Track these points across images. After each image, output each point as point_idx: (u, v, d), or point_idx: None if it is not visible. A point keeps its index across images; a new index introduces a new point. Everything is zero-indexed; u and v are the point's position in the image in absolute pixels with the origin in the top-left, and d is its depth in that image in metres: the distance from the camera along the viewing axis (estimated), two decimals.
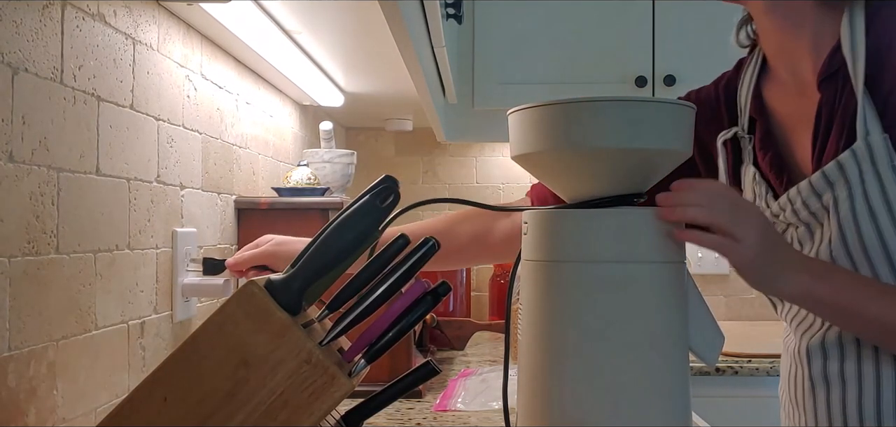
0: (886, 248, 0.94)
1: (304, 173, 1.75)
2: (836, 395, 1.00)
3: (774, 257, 0.90)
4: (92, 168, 1.06)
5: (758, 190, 1.08)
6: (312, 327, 0.87)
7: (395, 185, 0.88)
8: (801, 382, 1.06)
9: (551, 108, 0.87)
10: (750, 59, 1.14)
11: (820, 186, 0.98)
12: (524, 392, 0.91)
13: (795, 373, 1.08)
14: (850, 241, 0.96)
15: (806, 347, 1.05)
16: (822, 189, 0.98)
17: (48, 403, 0.96)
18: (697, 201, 0.87)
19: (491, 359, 2.02)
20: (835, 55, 0.99)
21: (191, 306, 1.37)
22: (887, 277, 0.94)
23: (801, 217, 1.02)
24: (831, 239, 0.98)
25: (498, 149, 2.72)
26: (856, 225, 0.95)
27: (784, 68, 1.07)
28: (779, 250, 0.91)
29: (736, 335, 2.25)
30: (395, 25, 1.10)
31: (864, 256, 0.95)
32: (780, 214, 1.04)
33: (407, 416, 1.42)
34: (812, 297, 0.92)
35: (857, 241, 0.95)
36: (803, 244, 1.03)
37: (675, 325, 0.88)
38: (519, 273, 0.95)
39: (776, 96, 1.09)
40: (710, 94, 1.19)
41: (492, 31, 2.31)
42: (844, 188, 0.96)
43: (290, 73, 1.73)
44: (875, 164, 0.94)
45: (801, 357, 1.06)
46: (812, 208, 1.00)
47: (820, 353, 1.03)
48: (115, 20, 1.12)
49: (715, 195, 0.89)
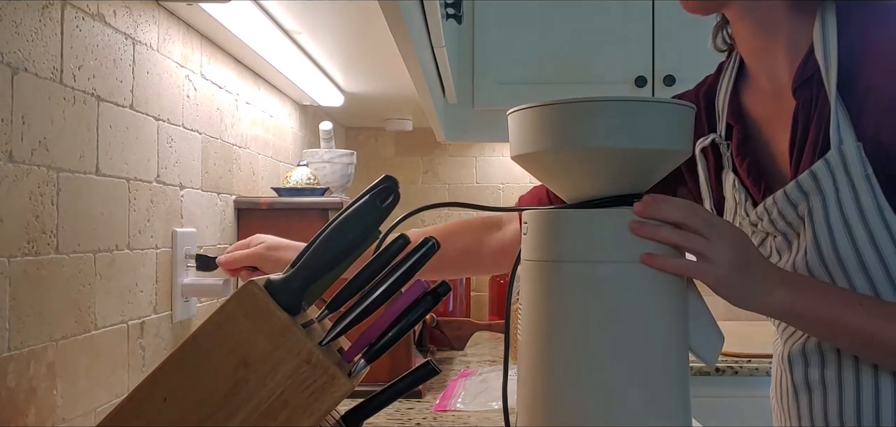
0: (861, 257, 0.92)
1: (303, 173, 1.75)
2: (817, 401, 1.00)
3: (750, 273, 0.88)
4: (92, 168, 1.06)
5: (738, 197, 1.06)
6: (312, 327, 0.87)
7: (394, 185, 0.88)
8: (786, 387, 1.05)
9: (551, 108, 0.87)
10: (728, 63, 1.12)
11: (795, 197, 0.96)
12: (524, 392, 0.91)
13: (781, 377, 1.07)
14: (825, 252, 0.94)
15: (788, 353, 1.04)
16: (798, 199, 0.96)
17: (48, 403, 0.96)
18: (669, 218, 0.85)
19: (491, 359, 2.02)
20: (809, 60, 0.97)
21: (190, 306, 1.37)
22: (863, 288, 0.93)
23: (777, 227, 1.00)
24: (807, 249, 0.96)
25: (498, 149, 2.72)
26: (830, 235, 0.94)
27: (761, 72, 1.05)
28: (754, 266, 0.89)
29: (736, 335, 2.25)
30: (395, 25, 1.10)
31: (839, 267, 0.94)
32: (759, 224, 1.03)
33: (407, 416, 1.42)
34: (791, 312, 0.90)
35: (832, 252, 0.94)
36: (781, 254, 1.01)
37: (675, 326, 0.88)
38: (518, 273, 0.95)
39: (754, 101, 1.07)
40: (691, 100, 1.15)
41: (492, 31, 2.31)
42: (819, 198, 0.94)
43: (290, 73, 1.73)
44: (849, 174, 0.92)
45: (784, 363, 1.05)
46: (788, 218, 0.98)
47: (801, 360, 1.02)
48: (115, 20, 1.12)
49: (687, 214, 0.86)
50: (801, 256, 0.98)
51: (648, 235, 0.85)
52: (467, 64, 2.31)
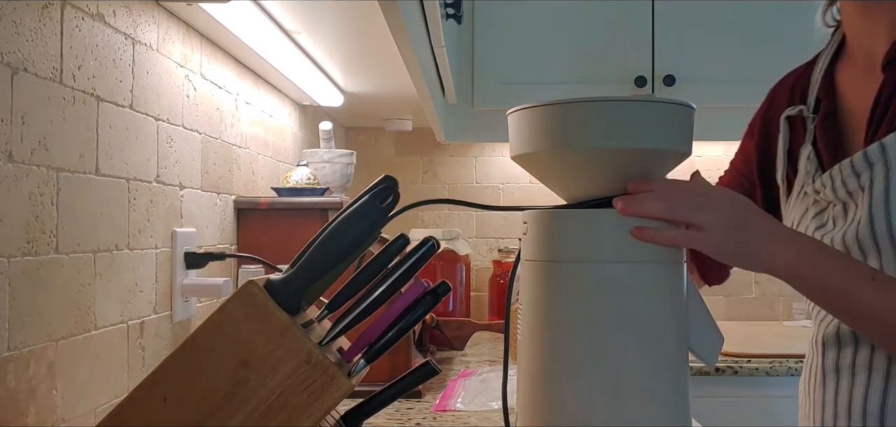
0: None
1: (303, 173, 1.75)
2: (844, 386, 1.01)
3: (749, 231, 0.88)
4: (91, 168, 1.06)
5: (808, 168, 1.08)
6: (312, 327, 0.87)
7: (394, 184, 0.88)
8: (816, 372, 1.06)
9: (551, 108, 0.87)
10: (831, 41, 1.15)
11: (860, 166, 0.98)
12: (524, 392, 0.91)
13: (812, 363, 1.08)
14: (878, 224, 0.95)
15: (823, 336, 1.05)
16: (861, 169, 0.98)
17: (48, 403, 0.96)
18: (652, 214, 0.85)
19: (490, 359, 2.02)
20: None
21: (190, 306, 1.37)
22: None
23: (838, 195, 1.01)
24: (860, 220, 0.97)
25: (498, 149, 2.72)
26: (886, 208, 0.95)
27: (859, 50, 1.08)
28: (754, 223, 0.89)
29: (736, 335, 2.25)
30: (395, 25, 1.10)
31: (889, 241, 0.94)
32: (821, 191, 1.04)
33: (407, 416, 1.42)
34: (798, 275, 0.89)
35: (885, 225, 0.94)
36: (836, 223, 1.02)
37: (675, 325, 0.88)
38: (518, 273, 0.95)
39: (846, 77, 1.10)
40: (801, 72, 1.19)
41: (492, 31, 2.31)
42: (882, 170, 0.95)
43: (290, 73, 1.73)
44: None
45: (816, 346, 1.06)
46: (849, 188, 1.00)
47: (835, 343, 1.03)
48: (115, 20, 1.12)
49: (671, 187, 0.87)
50: (852, 227, 0.98)
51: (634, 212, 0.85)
52: (467, 64, 2.31)
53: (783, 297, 2.62)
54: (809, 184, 1.06)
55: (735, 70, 2.27)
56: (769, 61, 2.24)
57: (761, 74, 2.26)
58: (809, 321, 1.13)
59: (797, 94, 1.16)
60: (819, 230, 1.04)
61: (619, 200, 0.86)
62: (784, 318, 2.62)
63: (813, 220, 1.06)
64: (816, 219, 1.06)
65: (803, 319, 2.53)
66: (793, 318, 2.58)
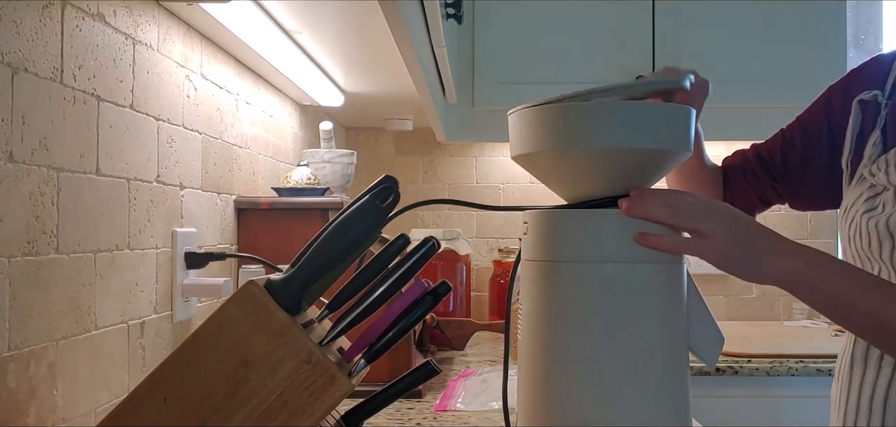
0: None
1: (304, 173, 1.75)
2: (870, 376, 1.01)
3: (753, 243, 0.88)
4: (92, 168, 1.06)
5: (871, 153, 1.08)
6: (312, 327, 0.87)
7: (394, 184, 0.88)
8: (847, 360, 1.07)
9: (551, 108, 0.87)
10: None
11: None
12: (524, 392, 0.91)
13: (845, 349, 1.09)
14: None
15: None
16: None
17: (48, 403, 0.96)
18: (655, 217, 0.86)
19: (491, 359, 2.02)
20: None
21: (191, 306, 1.37)
22: None
23: (891, 179, 1.02)
24: None
25: (498, 149, 2.72)
26: None
27: None
28: (757, 236, 0.89)
29: (736, 335, 2.25)
30: (395, 25, 1.10)
31: None
32: (877, 175, 1.04)
33: (407, 416, 1.42)
34: (805, 283, 0.90)
35: None
36: (885, 207, 1.02)
37: (675, 325, 0.88)
38: (519, 273, 0.95)
39: None
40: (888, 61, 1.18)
41: (492, 31, 2.31)
42: None
43: (290, 73, 1.73)
44: None
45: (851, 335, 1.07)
46: None
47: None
48: (115, 20, 1.12)
49: (675, 196, 0.87)
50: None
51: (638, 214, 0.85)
52: (467, 64, 2.31)
53: (783, 297, 2.62)
54: (868, 167, 1.06)
55: (735, 70, 2.27)
56: (770, 61, 2.24)
57: (761, 74, 2.27)
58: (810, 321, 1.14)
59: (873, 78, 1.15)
60: (867, 214, 1.04)
61: (623, 201, 0.86)
62: (784, 318, 2.62)
63: (864, 203, 1.06)
64: (867, 203, 1.06)
65: (804, 319, 2.53)
66: (793, 318, 2.58)
